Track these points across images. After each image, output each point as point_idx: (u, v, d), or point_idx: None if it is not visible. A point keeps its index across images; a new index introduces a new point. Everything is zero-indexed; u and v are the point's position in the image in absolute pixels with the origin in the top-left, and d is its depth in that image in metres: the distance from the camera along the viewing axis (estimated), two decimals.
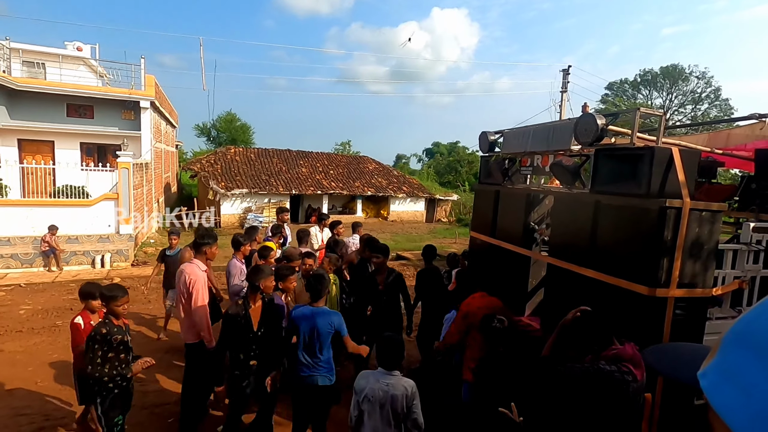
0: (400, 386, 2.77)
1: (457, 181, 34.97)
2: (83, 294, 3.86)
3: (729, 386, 0.38)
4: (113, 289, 3.43)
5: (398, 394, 2.73)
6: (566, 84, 20.76)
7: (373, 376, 2.84)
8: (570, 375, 2.43)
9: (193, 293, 3.93)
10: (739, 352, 0.39)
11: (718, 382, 0.39)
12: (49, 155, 14.37)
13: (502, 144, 5.03)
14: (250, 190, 19.02)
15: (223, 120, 41.47)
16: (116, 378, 3.21)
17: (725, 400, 0.38)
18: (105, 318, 3.32)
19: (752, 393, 0.35)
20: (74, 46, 16.38)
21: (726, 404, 0.37)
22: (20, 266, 9.99)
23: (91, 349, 3.13)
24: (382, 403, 2.73)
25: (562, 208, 4.06)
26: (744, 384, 0.36)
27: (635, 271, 3.15)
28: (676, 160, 3.07)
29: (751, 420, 0.35)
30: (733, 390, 0.37)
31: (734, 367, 0.38)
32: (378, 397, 2.74)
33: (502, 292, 4.97)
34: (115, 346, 3.21)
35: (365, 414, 2.78)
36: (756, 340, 0.37)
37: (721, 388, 0.39)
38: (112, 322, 3.29)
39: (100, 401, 3.19)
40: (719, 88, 39.15)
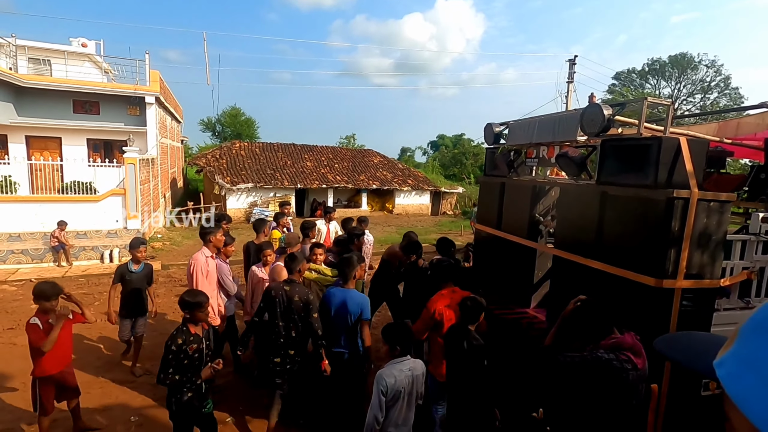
0: (419, 366, 2.90)
1: (462, 173, 34.83)
2: (37, 294, 3.63)
3: (748, 375, 0.37)
4: (197, 295, 3.32)
5: (420, 374, 2.88)
6: (572, 74, 20.53)
7: (394, 370, 2.80)
8: (569, 364, 2.44)
9: (193, 276, 4.18)
10: (759, 341, 0.38)
11: (737, 372, 0.38)
12: (56, 151, 14.50)
13: (507, 136, 4.99)
14: (256, 185, 19.08)
15: (227, 115, 41.55)
16: (186, 384, 3.18)
17: (744, 390, 0.37)
18: (183, 325, 3.21)
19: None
20: (79, 43, 16.44)
21: (744, 394, 0.37)
22: (30, 261, 10.13)
23: (166, 357, 3.11)
24: (410, 390, 2.81)
25: (568, 199, 4.03)
26: (764, 373, 0.35)
27: (642, 263, 3.13)
28: (684, 150, 3.04)
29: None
30: (753, 379, 0.36)
31: (754, 356, 0.37)
32: (407, 385, 2.79)
33: (508, 284, 4.97)
34: (190, 354, 3.15)
35: (395, 409, 2.76)
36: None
37: (740, 377, 0.38)
38: (188, 329, 3.19)
39: (175, 402, 3.19)
40: (729, 77, 38.49)
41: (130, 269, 4.98)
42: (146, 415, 4.34)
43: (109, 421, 4.20)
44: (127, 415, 4.31)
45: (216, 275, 4.41)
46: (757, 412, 0.35)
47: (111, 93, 14.44)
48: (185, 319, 3.23)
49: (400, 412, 2.78)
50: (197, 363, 3.20)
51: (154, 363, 5.34)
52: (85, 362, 5.40)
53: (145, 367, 5.24)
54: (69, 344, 3.84)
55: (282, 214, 6.60)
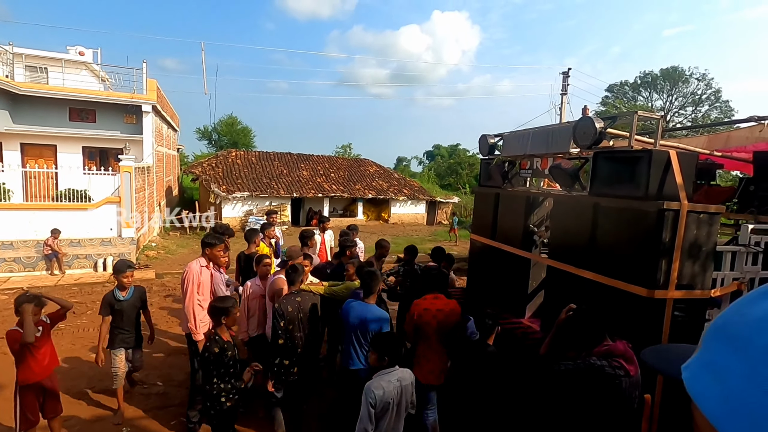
0: (407, 376, 2.88)
1: (457, 183, 35.01)
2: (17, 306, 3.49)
3: (706, 377, 0.41)
4: (225, 300, 3.34)
5: (408, 384, 2.86)
6: (566, 86, 20.82)
7: (383, 381, 2.75)
8: (564, 372, 2.47)
9: (184, 284, 4.10)
10: (717, 344, 0.42)
11: (698, 373, 0.42)
12: (51, 159, 14.44)
13: (501, 147, 5.07)
14: (252, 193, 19.07)
15: (224, 123, 41.61)
16: (231, 391, 3.23)
17: (701, 389, 0.40)
18: (214, 335, 3.22)
19: (725, 380, 0.38)
20: (76, 51, 16.49)
21: (702, 392, 0.40)
22: (23, 270, 10.03)
23: (206, 369, 3.15)
24: (399, 401, 2.78)
25: (561, 210, 4.09)
26: (719, 373, 0.39)
27: (634, 273, 3.18)
28: (674, 162, 3.11)
29: (722, 404, 0.37)
30: (709, 379, 0.40)
31: (711, 359, 0.41)
32: (396, 396, 2.76)
33: (503, 294, 4.99)
34: (225, 361, 3.19)
35: (384, 420, 2.73)
36: (731, 332, 0.41)
37: (699, 378, 0.42)
38: (221, 338, 3.21)
39: (215, 415, 3.21)
40: (719, 90, 39.19)
41: (117, 297, 4.31)
42: (137, 426, 4.29)
43: (100, 429, 4.15)
44: (119, 427, 4.26)
45: (210, 286, 4.31)
46: (712, 410, 0.38)
47: (107, 101, 14.46)
48: (215, 326, 3.29)
49: (389, 423, 2.76)
50: (233, 369, 3.26)
51: (148, 373, 5.31)
52: (76, 372, 5.34)
53: (139, 377, 5.19)
54: (51, 352, 3.76)
55: (269, 224, 6.23)
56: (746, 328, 0.39)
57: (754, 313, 0.40)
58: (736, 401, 0.36)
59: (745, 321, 0.40)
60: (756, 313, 0.40)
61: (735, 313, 0.42)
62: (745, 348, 0.38)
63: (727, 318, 0.42)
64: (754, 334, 0.38)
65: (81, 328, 6.86)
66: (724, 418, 0.37)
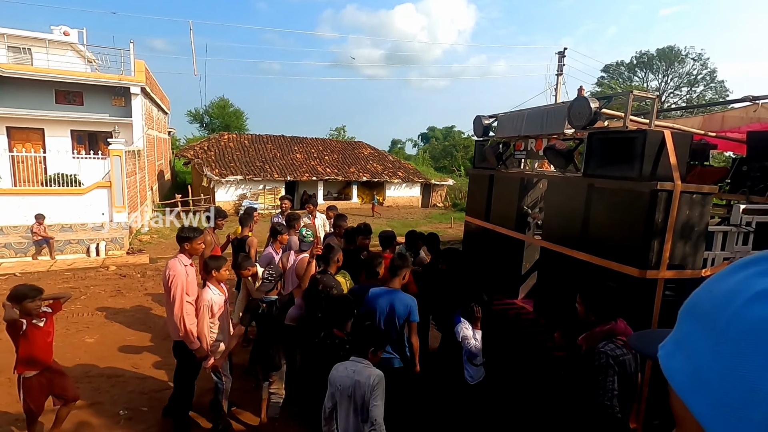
0: (365, 373, 2.65)
1: (452, 165, 34.93)
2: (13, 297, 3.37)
3: (678, 354, 0.42)
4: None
5: (362, 381, 2.61)
6: (562, 67, 20.61)
7: (343, 365, 2.75)
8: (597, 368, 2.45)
9: (171, 289, 3.70)
10: (687, 322, 0.43)
11: (670, 351, 0.43)
12: (39, 143, 14.16)
13: (496, 128, 5.02)
14: (245, 177, 18.90)
15: (215, 106, 40.95)
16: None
17: (673, 366, 0.42)
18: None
19: (693, 357, 0.39)
20: (61, 31, 15.98)
21: (673, 370, 0.41)
22: (14, 255, 9.94)
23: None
24: (350, 393, 2.63)
25: (555, 191, 4.08)
26: (689, 350, 0.40)
27: (626, 254, 3.19)
28: (668, 142, 3.09)
29: (691, 381, 0.38)
30: (680, 357, 0.41)
31: (683, 336, 0.42)
32: (345, 385, 2.64)
33: (497, 276, 5.02)
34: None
35: (338, 406, 2.69)
36: (700, 310, 0.41)
37: (672, 356, 0.43)
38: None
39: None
40: (715, 70, 39.01)
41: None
42: (135, 409, 4.32)
43: (99, 415, 4.18)
44: (116, 409, 4.29)
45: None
46: (682, 386, 0.39)
47: (95, 83, 14.12)
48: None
49: (342, 412, 2.67)
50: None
51: (142, 357, 5.33)
52: (73, 356, 5.35)
53: (132, 362, 5.21)
54: (47, 344, 3.59)
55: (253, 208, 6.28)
56: (712, 304, 0.40)
57: (720, 288, 0.40)
58: (703, 378, 0.37)
59: (712, 297, 0.41)
60: (722, 288, 0.40)
61: (704, 290, 0.43)
62: (710, 324, 0.39)
63: (698, 295, 0.43)
64: (718, 309, 0.39)
65: (75, 313, 6.85)
66: (693, 395, 0.38)
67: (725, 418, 0.34)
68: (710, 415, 0.35)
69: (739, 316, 0.36)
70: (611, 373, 2.39)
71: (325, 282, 3.80)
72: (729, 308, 0.37)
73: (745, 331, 0.35)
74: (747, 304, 0.36)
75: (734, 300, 0.37)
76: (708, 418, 0.36)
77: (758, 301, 0.36)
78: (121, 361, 5.26)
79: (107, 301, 7.42)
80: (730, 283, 0.39)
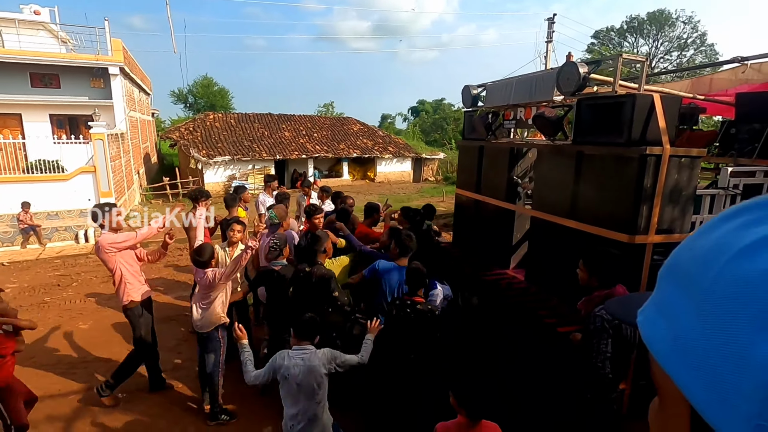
0: (316, 358, 2.76)
1: (443, 139, 34.63)
2: None
3: (657, 318, 0.38)
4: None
5: (316, 364, 2.73)
6: (552, 34, 20.24)
7: (288, 354, 2.81)
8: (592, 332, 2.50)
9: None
10: (668, 285, 0.39)
11: (650, 316, 0.40)
12: (17, 129, 13.74)
13: (485, 98, 4.93)
14: (233, 157, 18.61)
15: (199, 85, 39.89)
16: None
17: (652, 332, 0.38)
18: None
19: (674, 320, 0.36)
20: (31, 10, 15.24)
21: (652, 335, 0.38)
22: (1, 245, 9.78)
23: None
24: (299, 381, 2.71)
25: (545, 160, 4.05)
26: (669, 315, 0.37)
27: (616, 220, 3.20)
28: (657, 107, 3.05)
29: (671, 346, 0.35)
30: (660, 321, 0.37)
31: (664, 300, 0.39)
32: (294, 373, 2.71)
33: (488, 247, 5.04)
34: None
35: (284, 390, 2.80)
36: (680, 270, 0.38)
37: (651, 320, 0.39)
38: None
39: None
40: (705, 33, 38.60)
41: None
42: (132, 391, 4.35)
43: (97, 398, 4.20)
44: (114, 392, 4.31)
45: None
46: (661, 352, 0.36)
47: (71, 64, 13.60)
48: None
49: (290, 395, 2.77)
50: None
51: None
52: (68, 343, 5.35)
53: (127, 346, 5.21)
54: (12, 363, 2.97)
55: (243, 188, 6.09)
56: (694, 263, 0.36)
57: (702, 244, 0.36)
58: (685, 344, 0.34)
59: (694, 255, 0.37)
60: (705, 244, 0.36)
61: (685, 248, 0.39)
62: (692, 285, 0.35)
63: (678, 254, 0.39)
64: (701, 268, 0.35)
65: (68, 300, 6.81)
66: (674, 363, 0.35)
67: (710, 387, 0.31)
68: (694, 384, 0.32)
69: (725, 274, 0.32)
70: (605, 337, 2.44)
71: (318, 273, 3.76)
72: (713, 266, 0.34)
73: (732, 291, 0.31)
74: (734, 259, 0.33)
75: (719, 256, 0.34)
76: (691, 387, 0.33)
77: (746, 255, 0.32)
78: (116, 346, 5.26)
79: (99, 287, 7.36)
80: (713, 238, 0.36)
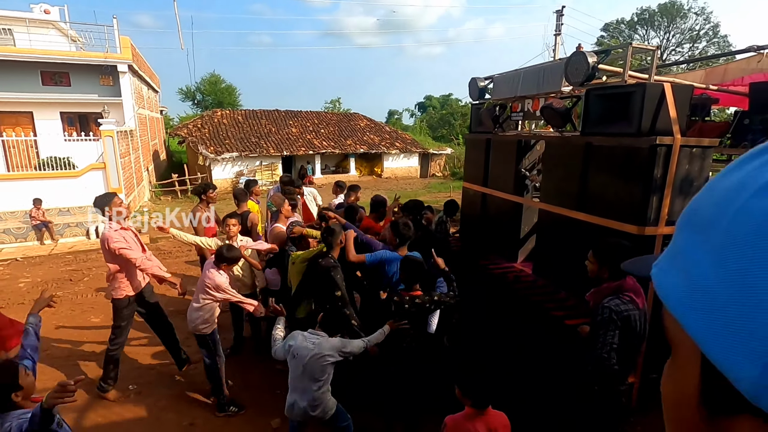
0: (327, 344, 2.87)
1: (450, 134, 34.44)
2: None
3: (673, 269, 0.36)
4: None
5: (322, 355, 2.83)
6: (560, 27, 19.97)
7: (302, 335, 2.95)
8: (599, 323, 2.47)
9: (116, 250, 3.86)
10: (685, 233, 0.36)
11: (665, 267, 0.37)
12: (29, 127, 13.92)
13: (492, 90, 4.89)
14: (240, 154, 18.70)
15: (207, 82, 40.09)
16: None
17: (666, 283, 0.36)
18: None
19: (690, 270, 0.33)
20: (41, 9, 15.42)
21: (667, 286, 0.36)
22: (14, 241, 9.95)
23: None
24: (305, 362, 2.83)
25: (553, 152, 4.01)
26: (685, 264, 0.34)
27: (625, 211, 3.16)
28: (668, 95, 2.99)
29: (685, 296, 0.33)
30: (675, 271, 0.35)
31: (680, 249, 0.36)
32: (302, 355, 2.84)
33: (495, 241, 5.01)
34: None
35: (290, 368, 2.92)
36: (699, 216, 0.35)
37: (666, 272, 0.37)
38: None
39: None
40: (718, 24, 37.83)
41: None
42: (144, 383, 4.41)
43: None
44: (125, 384, 4.38)
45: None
46: (674, 302, 0.34)
47: (80, 62, 13.74)
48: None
49: (295, 376, 2.90)
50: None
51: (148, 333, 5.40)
52: (80, 336, 5.43)
53: (138, 339, 5.28)
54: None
55: (254, 182, 6.10)
56: (714, 205, 0.33)
57: (723, 185, 0.34)
58: (701, 291, 0.32)
59: (713, 197, 0.34)
60: (725, 185, 0.33)
61: (705, 192, 0.36)
62: (711, 228, 0.32)
63: (697, 199, 0.36)
64: (721, 208, 0.32)
65: (79, 294, 6.91)
66: (689, 312, 0.32)
67: (727, 335, 0.29)
68: (709, 333, 0.31)
69: (747, 211, 0.30)
70: (612, 328, 2.41)
71: (324, 264, 3.76)
72: (733, 204, 0.31)
73: (755, 229, 0.29)
74: (755, 196, 0.30)
75: (740, 194, 0.31)
76: (707, 337, 0.31)
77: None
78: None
79: None
80: (735, 179, 0.32)
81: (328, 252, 3.73)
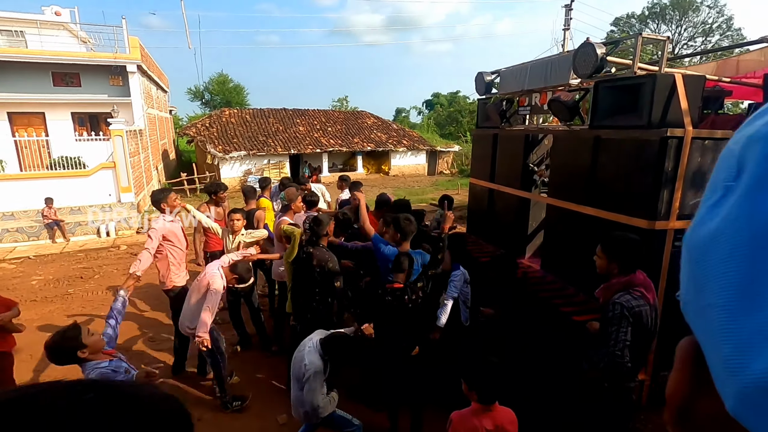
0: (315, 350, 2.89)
1: (458, 132, 34.26)
2: None
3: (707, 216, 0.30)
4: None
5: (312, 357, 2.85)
6: (569, 21, 19.71)
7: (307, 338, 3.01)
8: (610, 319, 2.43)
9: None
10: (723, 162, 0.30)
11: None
12: (41, 127, 14.13)
13: (499, 84, 4.83)
14: (249, 152, 18.79)
15: (215, 82, 40.38)
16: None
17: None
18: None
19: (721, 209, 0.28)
20: (52, 11, 15.63)
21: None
22: (27, 239, 10.11)
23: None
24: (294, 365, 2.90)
25: (561, 146, 3.95)
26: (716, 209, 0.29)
27: (635, 206, 3.10)
28: (679, 86, 2.93)
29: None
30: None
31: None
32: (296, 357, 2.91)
33: (503, 236, 4.96)
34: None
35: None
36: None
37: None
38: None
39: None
40: (731, 17, 37.11)
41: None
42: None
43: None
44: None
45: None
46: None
47: (91, 63, 13.90)
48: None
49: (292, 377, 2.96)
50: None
51: (157, 330, 5.46)
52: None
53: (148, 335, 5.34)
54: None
55: (268, 179, 6.46)
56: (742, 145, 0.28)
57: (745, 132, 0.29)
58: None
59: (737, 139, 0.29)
60: (747, 130, 0.28)
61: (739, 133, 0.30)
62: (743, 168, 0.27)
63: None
64: (746, 151, 0.27)
65: (90, 291, 7.00)
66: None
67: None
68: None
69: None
70: (625, 324, 2.36)
71: (319, 257, 3.75)
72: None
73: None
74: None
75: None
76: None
77: None
78: (136, 335, 5.38)
79: (120, 280, 7.53)
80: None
81: (317, 242, 3.73)
